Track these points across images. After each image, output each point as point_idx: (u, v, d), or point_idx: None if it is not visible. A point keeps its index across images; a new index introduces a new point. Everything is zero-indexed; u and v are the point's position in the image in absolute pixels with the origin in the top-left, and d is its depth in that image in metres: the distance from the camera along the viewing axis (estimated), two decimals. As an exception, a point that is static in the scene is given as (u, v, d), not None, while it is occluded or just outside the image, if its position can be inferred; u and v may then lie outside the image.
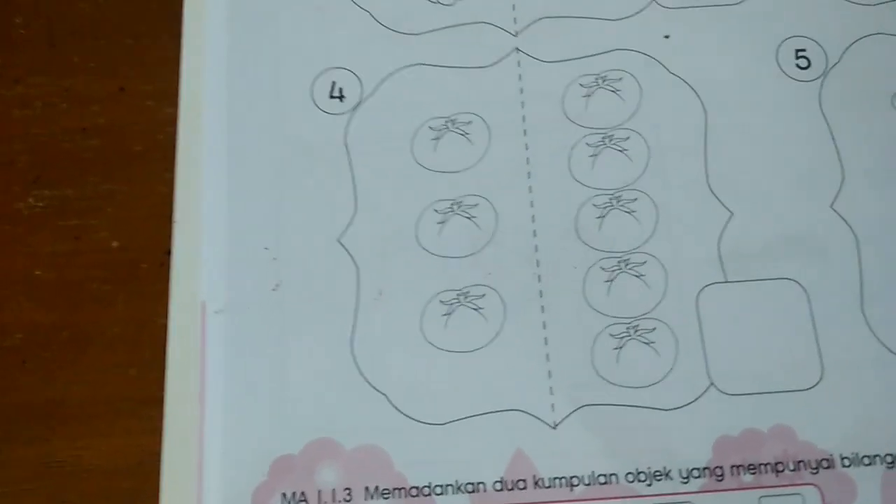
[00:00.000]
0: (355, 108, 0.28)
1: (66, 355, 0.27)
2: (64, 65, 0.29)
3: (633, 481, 0.25)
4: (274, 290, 0.26)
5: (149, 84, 0.29)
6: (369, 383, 0.26)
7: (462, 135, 0.28)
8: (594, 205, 0.27)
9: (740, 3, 0.29)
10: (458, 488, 0.25)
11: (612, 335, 0.26)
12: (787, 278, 0.26)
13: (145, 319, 0.27)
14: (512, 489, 0.25)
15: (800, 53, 0.28)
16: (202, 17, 0.29)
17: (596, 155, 0.28)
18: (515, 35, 0.29)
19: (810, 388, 0.25)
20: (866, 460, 0.25)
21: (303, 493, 0.25)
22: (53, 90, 0.29)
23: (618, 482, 0.25)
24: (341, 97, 0.28)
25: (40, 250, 0.27)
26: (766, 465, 0.25)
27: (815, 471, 0.25)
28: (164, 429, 0.25)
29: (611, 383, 0.25)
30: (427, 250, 0.27)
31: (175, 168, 0.27)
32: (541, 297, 0.26)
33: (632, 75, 0.28)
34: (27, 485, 0.26)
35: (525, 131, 0.28)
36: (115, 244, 0.28)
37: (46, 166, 0.28)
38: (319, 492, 0.25)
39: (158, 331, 0.26)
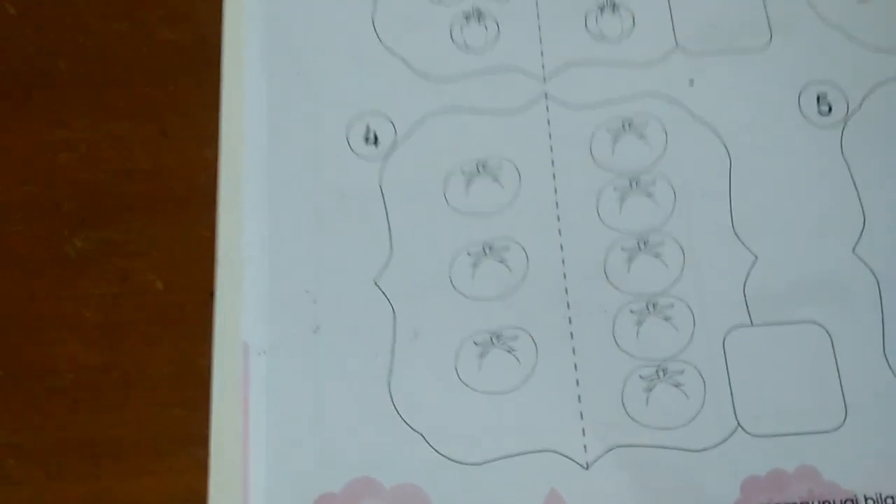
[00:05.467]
0: (389, 152, 0.29)
1: (114, 395, 0.28)
2: (107, 109, 0.30)
3: (662, 520, 0.26)
4: (314, 331, 0.27)
5: (190, 128, 0.30)
6: (406, 423, 0.26)
7: (493, 179, 0.29)
8: (622, 248, 0.28)
9: (763, 50, 0.30)
10: (494, 526, 0.26)
11: (641, 377, 0.27)
12: (810, 322, 0.27)
13: (190, 359, 0.28)
14: (545, 527, 0.26)
15: (821, 99, 0.29)
16: (240, 63, 0.30)
17: (623, 199, 0.28)
18: (544, 81, 0.30)
19: (835, 429, 0.26)
20: (890, 501, 0.25)
21: (344, 531, 0.26)
22: (97, 134, 0.30)
23: (648, 520, 0.26)
24: (376, 142, 0.29)
25: (88, 292, 0.28)
26: (791, 504, 0.26)
27: (839, 510, 0.26)
28: (209, 467, 0.26)
29: (641, 424, 0.26)
30: (461, 292, 0.28)
31: (217, 211, 0.29)
32: (572, 338, 0.27)
33: (657, 120, 0.29)
34: (76, 520, 0.27)
35: (554, 175, 0.29)
36: (159, 286, 0.29)
37: (92, 209, 0.29)
38: (360, 529, 0.26)
39: (202, 371, 0.27)
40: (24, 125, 0.30)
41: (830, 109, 0.29)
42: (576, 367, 0.27)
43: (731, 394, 0.26)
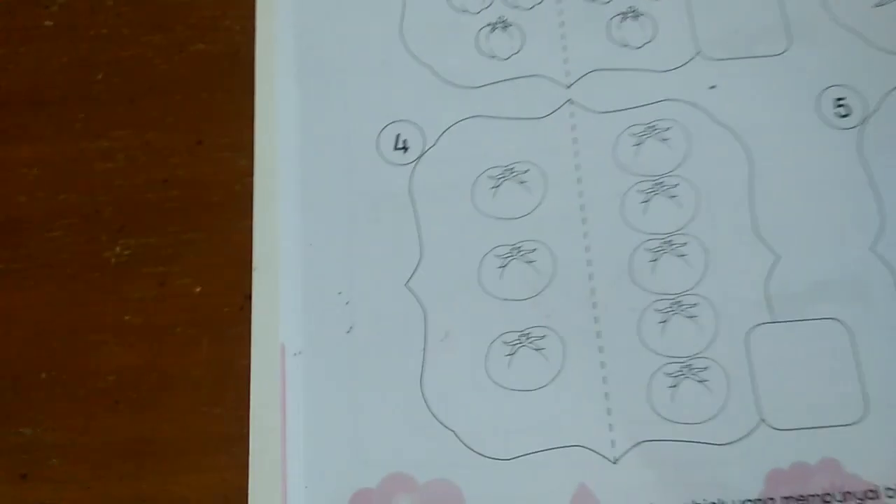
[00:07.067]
0: (419, 158, 0.30)
1: (155, 396, 0.28)
2: (143, 119, 0.31)
3: (689, 512, 0.26)
4: (348, 332, 0.28)
5: (224, 137, 0.31)
6: (438, 420, 0.27)
7: (519, 183, 0.30)
8: (647, 249, 0.29)
9: (782, 54, 0.30)
10: (526, 520, 0.26)
11: (667, 374, 0.27)
12: (831, 318, 0.28)
13: (228, 361, 0.29)
14: (576, 520, 0.26)
15: (839, 102, 0.30)
16: (273, 73, 0.31)
17: (647, 201, 0.29)
18: (568, 87, 0.31)
19: (855, 422, 0.27)
20: (911, 492, 0.26)
21: (380, 525, 0.26)
22: (134, 144, 0.31)
23: (675, 513, 0.26)
24: (405, 148, 0.30)
25: (128, 297, 0.29)
26: (815, 496, 0.26)
27: (861, 502, 0.26)
28: (249, 465, 0.27)
29: (667, 420, 0.27)
30: (490, 293, 0.29)
31: (252, 217, 0.30)
32: (598, 337, 0.28)
33: (680, 124, 0.30)
34: (120, 517, 0.28)
35: (579, 179, 0.30)
36: (197, 290, 0.29)
37: (130, 216, 0.30)
38: (396, 523, 0.26)
39: (240, 371, 0.28)
40: (63, 136, 0.31)
41: (848, 112, 0.30)
42: (603, 364, 0.28)
43: (754, 389, 0.27)
